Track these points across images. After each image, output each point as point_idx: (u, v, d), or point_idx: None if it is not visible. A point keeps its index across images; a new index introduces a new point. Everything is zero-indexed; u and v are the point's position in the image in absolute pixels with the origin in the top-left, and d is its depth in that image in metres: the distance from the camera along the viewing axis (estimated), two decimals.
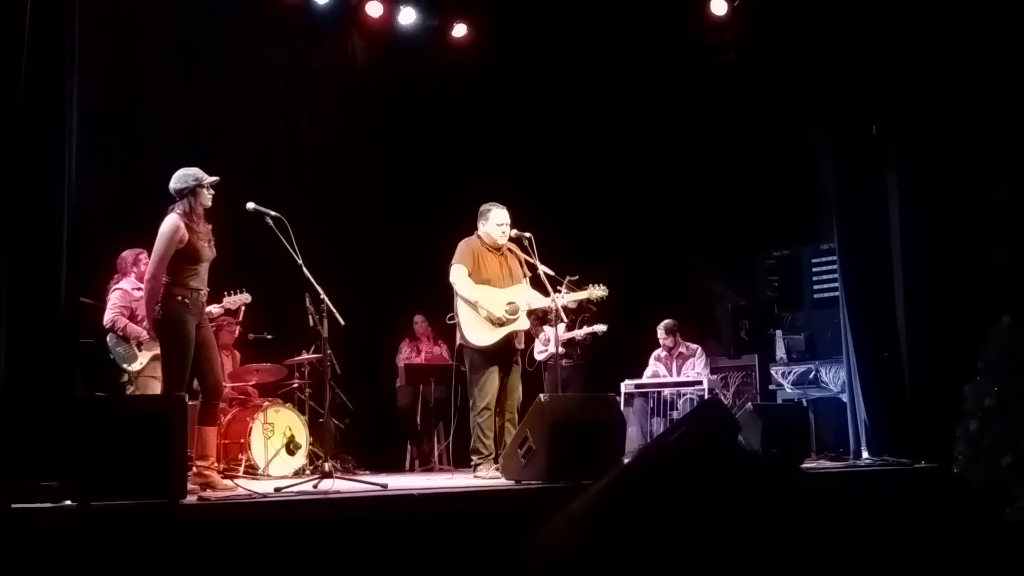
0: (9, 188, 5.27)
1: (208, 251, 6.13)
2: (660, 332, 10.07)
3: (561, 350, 9.08)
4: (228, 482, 6.23)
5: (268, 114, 10.32)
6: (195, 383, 6.28)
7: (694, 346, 10.11)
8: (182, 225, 5.98)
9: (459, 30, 10.28)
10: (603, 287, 7.55)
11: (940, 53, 7.92)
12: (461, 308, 7.16)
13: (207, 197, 6.10)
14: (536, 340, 9.57)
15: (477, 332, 7.10)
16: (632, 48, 10.28)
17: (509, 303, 7.13)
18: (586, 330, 9.47)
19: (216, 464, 6.58)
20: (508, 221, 7.25)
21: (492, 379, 7.09)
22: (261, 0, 9.46)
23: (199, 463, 6.09)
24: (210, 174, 6.15)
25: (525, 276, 7.28)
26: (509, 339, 7.16)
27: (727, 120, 10.45)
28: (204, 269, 6.12)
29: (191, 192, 6.05)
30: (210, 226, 6.23)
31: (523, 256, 7.29)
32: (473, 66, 10.24)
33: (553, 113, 10.70)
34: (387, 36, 10.15)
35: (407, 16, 9.99)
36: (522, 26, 10.14)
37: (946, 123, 7.92)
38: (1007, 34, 7.55)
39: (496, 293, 7.14)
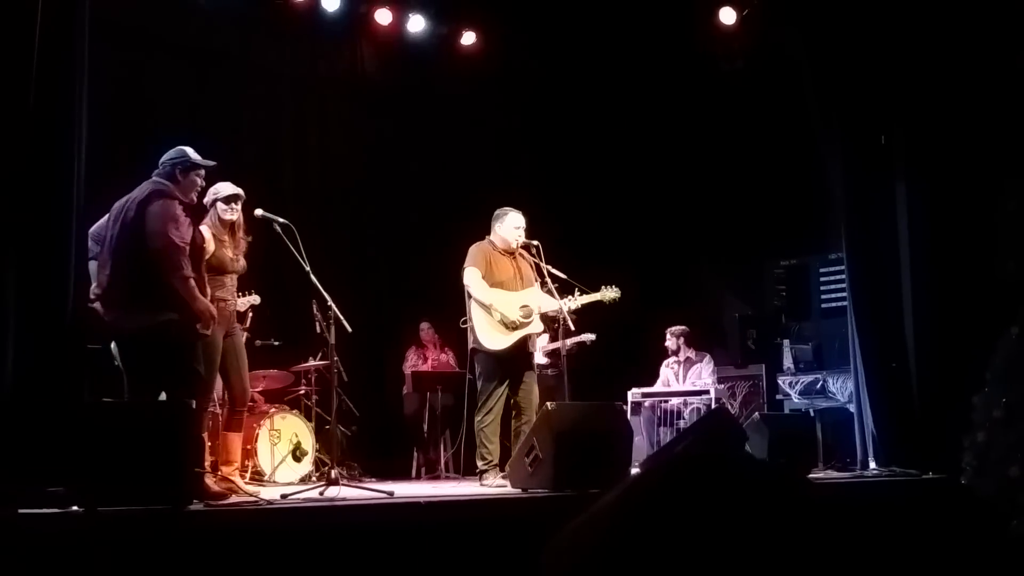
0: (18, 193, 5.28)
1: (234, 263, 6.27)
2: (669, 336, 10.09)
3: (546, 360, 9.06)
4: (253, 488, 6.29)
5: (277, 121, 10.35)
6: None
7: (702, 353, 10.12)
8: (208, 237, 6.11)
9: (468, 38, 10.30)
10: (615, 288, 7.55)
11: (949, 63, 7.91)
12: (475, 311, 7.16)
13: (224, 210, 6.22)
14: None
15: (491, 336, 7.10)
16: (641, 56, 10.29)
17: (523, 306, 7.14)
18: (573, 340, 9.28)
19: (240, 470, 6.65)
20: (524, 225, 7.30)
21: (500, 384, 7.10)
22: (271, 8, 9.50)
23: (224, 469, 6.17)
24: (220, 179, 6.23)
25: (536, 280, 7.30)
26: (523, 343, 7.17)
27: (735, 128, 10.46)
28: (231, 280, 6.25)
29: (212, 204, 6.27)
30: (249, 238, 6.38)
31: (532, 260, 7.32)
32: (481, 74, 10.26)
33: (561, 121, 10.71)
34: (396, 44, 10.18)
35: (416, 24, 10.02)
36: (531, 34, 10.17)
37: (955, 133, 7.90)
38: (1017, 44, 7.53)
39: (510, 296, 7.15)
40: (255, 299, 7.38)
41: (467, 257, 7.24)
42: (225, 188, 6.32)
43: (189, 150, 5.93)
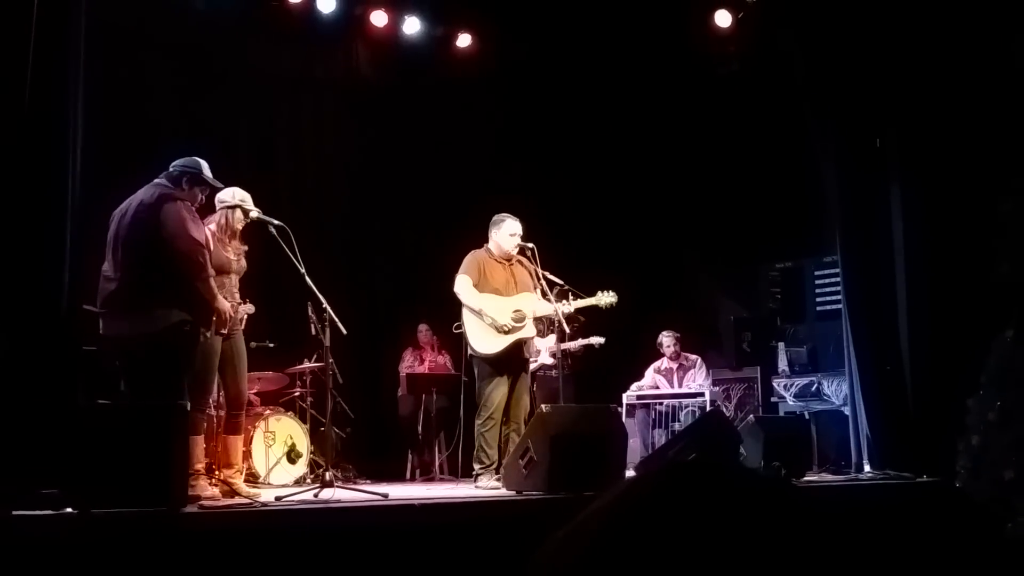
0: (12, 194, 5.27)
1: (235, 265, 6.32)
2: (669, 339, 10.05)
3: (552, 361, 9.06)
4: (254, 490, 6.29)
5: (272, 123, 10.34)
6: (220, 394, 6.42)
7: (693, 356, 10.12)
8: (210, 237, 6.11)
9: (463, 40, 10.30)
10: (612, 293, 7.55)
11: (944, 65, 7.92)
12: (467, 317, 7.20)
13: (240, 219, 6.31)
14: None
15: (483, 340, 7.12)
16: (636, 59, 10.29)
17: (515, 311, 7.16)
18: (581, 342, 9.28)
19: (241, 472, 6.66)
20: (521, 232, 7.30)
21: (499, 388, 7.10)
22: (266, 9, 9.49)
23: (225, 471, 6.18)
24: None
25: (536, 286, 7.30)
26: (517, 347, 7.18)
27: (731, 131, 10.46)
28: (231, 282, 6.29)
29: (230, 208, 6.30)
30: (244, 246, 6.43)
31: (532, 267, 7.32)
32: (477, 76, 10.25)
33: (557, 123, 10.71)
34: (391, 46, 10.18)
35: (411, 26, 10.02)
36: (526, 36, 10.16)
37: (950, 135, 7.91)
38: (1010, 44, 7.54)
39: (501, 301, 7.17)
40: (250, 308, 7.38)
41: (461, 265, 7.27)
42: (249, 200, 6.39)
43: (204, 164, 5.98)
